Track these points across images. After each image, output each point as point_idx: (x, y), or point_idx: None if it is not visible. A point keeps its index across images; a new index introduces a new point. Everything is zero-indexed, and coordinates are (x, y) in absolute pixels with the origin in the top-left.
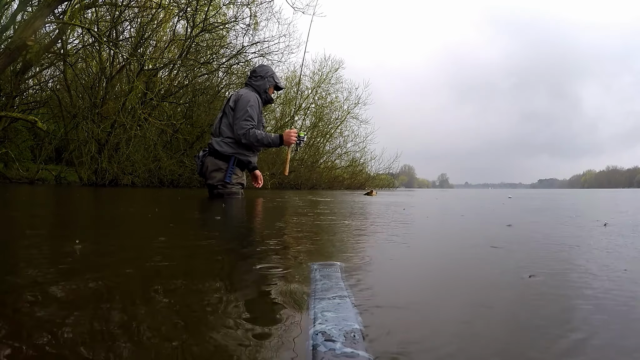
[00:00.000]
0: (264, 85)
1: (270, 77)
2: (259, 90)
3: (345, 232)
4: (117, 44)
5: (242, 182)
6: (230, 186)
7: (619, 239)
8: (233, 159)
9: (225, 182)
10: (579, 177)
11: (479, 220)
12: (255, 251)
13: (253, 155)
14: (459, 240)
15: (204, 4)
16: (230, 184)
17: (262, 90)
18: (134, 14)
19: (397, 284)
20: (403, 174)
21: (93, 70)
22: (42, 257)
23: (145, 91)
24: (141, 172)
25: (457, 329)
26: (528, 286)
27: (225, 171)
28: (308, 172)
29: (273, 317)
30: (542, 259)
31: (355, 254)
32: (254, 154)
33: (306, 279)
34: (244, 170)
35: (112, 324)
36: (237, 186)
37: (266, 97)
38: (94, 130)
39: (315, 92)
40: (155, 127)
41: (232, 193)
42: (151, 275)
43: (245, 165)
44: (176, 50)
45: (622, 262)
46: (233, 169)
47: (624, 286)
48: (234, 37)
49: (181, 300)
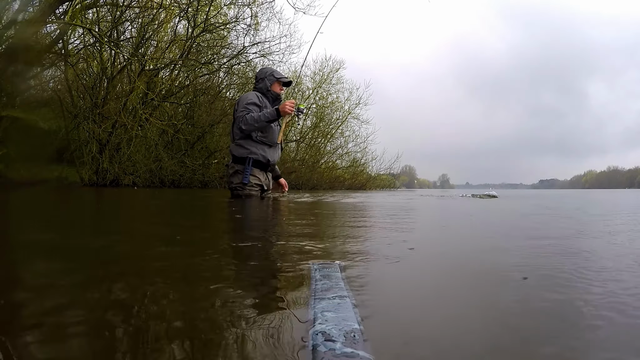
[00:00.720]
0: (265, 85)
1: (270, 75)
2: (264, 92)
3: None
4: (118, 44)
5: (264, 184)
6: (249, 188)
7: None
8: (249, 160)
9: (243, 184)
10: (580, 177)
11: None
12: (257, 249)
13: (270, 150)
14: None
15: (205, 4)
16: (249, 185)
17: (265, 90)
18: (135, 14)
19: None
20: (404, 174)
21: (94, 70)
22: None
23: (147, 91)
24: (142, 172)
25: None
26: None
27: (243, 173)
28: (309, 173)
29: (273, 316)
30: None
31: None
32: (270, 148)
33: (306, 279)
34: (266, 171)
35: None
36: (256, 188)
37: (271, 95)
38: (95, 131)
39: (316, 92)
40: (157, 127)
41: (251, 195)
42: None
43: (265, 166)
44: (177, 51)
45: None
46: (249, 170)
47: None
48: (235, 38)
49: (179, 295)
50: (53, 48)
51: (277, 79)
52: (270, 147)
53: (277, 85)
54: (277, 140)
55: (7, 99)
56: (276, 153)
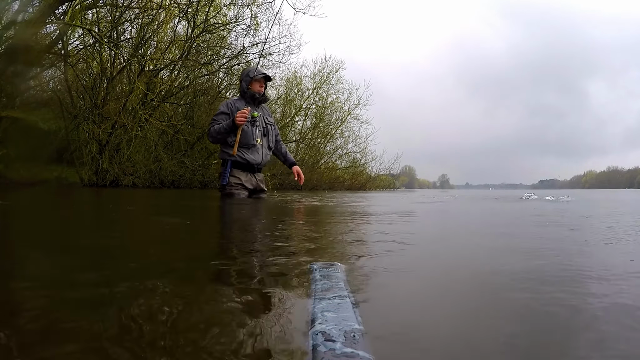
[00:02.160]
0: (243, 86)
1: (245, 77)
2: (243, 93)
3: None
4: (118, 44)
5: (244, 183)
6: (229, 187)
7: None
8: (228, 162)
9: (222, 185)
10: (580, 177)
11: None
12: (256, 250)
13: (249, 152)
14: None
15: (205, 4)
16: (228, 185)
17: (244, 91)
18: (135, 14)
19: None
20: (404, 175)
21: (94, 71)
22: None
23: (146, 92)
24: (142, 172)
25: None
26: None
27: (222, 174)
28: (309, 173)
29: (272, 316)
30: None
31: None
32: (248, 150)
33: (306, 279)
34: (251, 172)
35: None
36: (237, 187)
37: (250, 93)
38: (95, 131)
39: (315, 92)
40: (156, 127)
41: (232, 194)
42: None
43: (245, 167)
44: (177, 51)
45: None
46: (228, 172)
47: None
48: (234, 38)
49: (177, 290)
50: (53, 48)
51: (252, 77)
52: (248, 149)
53: (256, 84)
54: (252, 142)
55: (7, 99)
56: (258, 154)
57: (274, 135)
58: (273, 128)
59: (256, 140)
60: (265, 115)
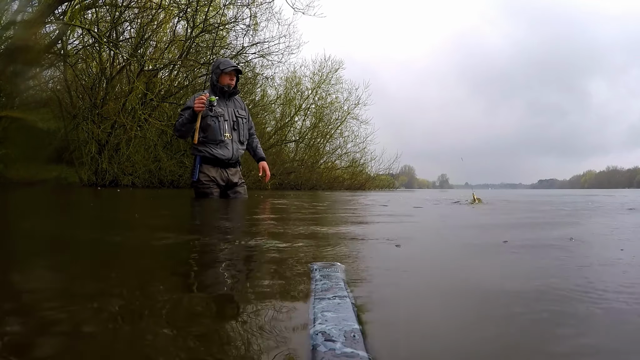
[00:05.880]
0: (212, 79)
1: (215, 69)
2: (213, 87)
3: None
4: (117, 44)
5: (213, 178)
6: (200, 186)
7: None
8: (197, 158)
9: (192, 181)
10: (579, 177)
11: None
12: (255, 250)
13: (218, 147)
14: None
15: (204, 4)
16: (199, 182)
17: (214, 84)
18: (134, 14)
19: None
20: (403, 174)
21: (93, 70)
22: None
23: (146, 92)
24: (141, 172)
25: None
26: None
27: (192, 170)
28: (308, 173)
29: (272, 316)
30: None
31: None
32: (217, 145)
33: (306, 279)
34: (222, 167)
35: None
36: (209, 184)
37: (220, 87)
38: (94, 131)
39: (315, 92)
40: (156, 127)
41: (198, 188)
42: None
43: (215, 162)
44: (176, 51)
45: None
46: (197, 168)
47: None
48: (234, 38)
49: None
50: (52, 48)
51: (222, 70)
52: (217, 144)
53: (226, 77)
54: (220, 138)
55: (7, 99)
56: (227, 149)
57: (246, 129)
58: (245, 121)
59: (224, 136)
60: (236, 108)
